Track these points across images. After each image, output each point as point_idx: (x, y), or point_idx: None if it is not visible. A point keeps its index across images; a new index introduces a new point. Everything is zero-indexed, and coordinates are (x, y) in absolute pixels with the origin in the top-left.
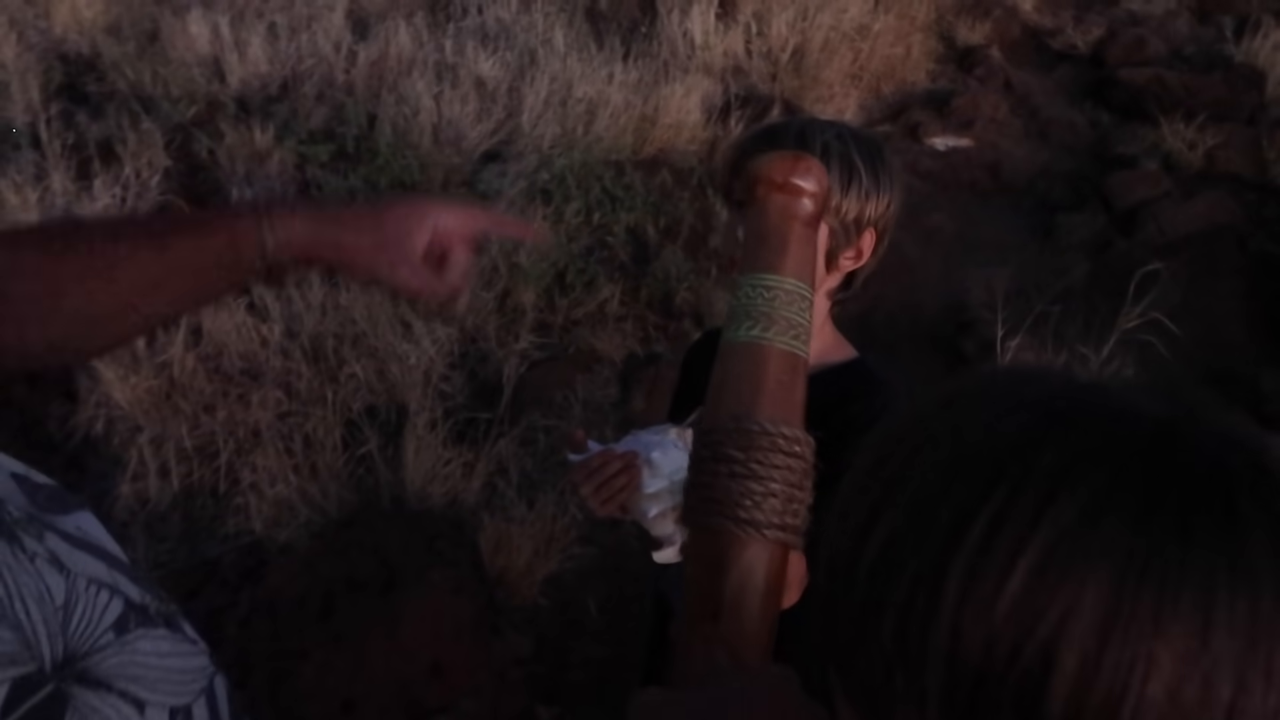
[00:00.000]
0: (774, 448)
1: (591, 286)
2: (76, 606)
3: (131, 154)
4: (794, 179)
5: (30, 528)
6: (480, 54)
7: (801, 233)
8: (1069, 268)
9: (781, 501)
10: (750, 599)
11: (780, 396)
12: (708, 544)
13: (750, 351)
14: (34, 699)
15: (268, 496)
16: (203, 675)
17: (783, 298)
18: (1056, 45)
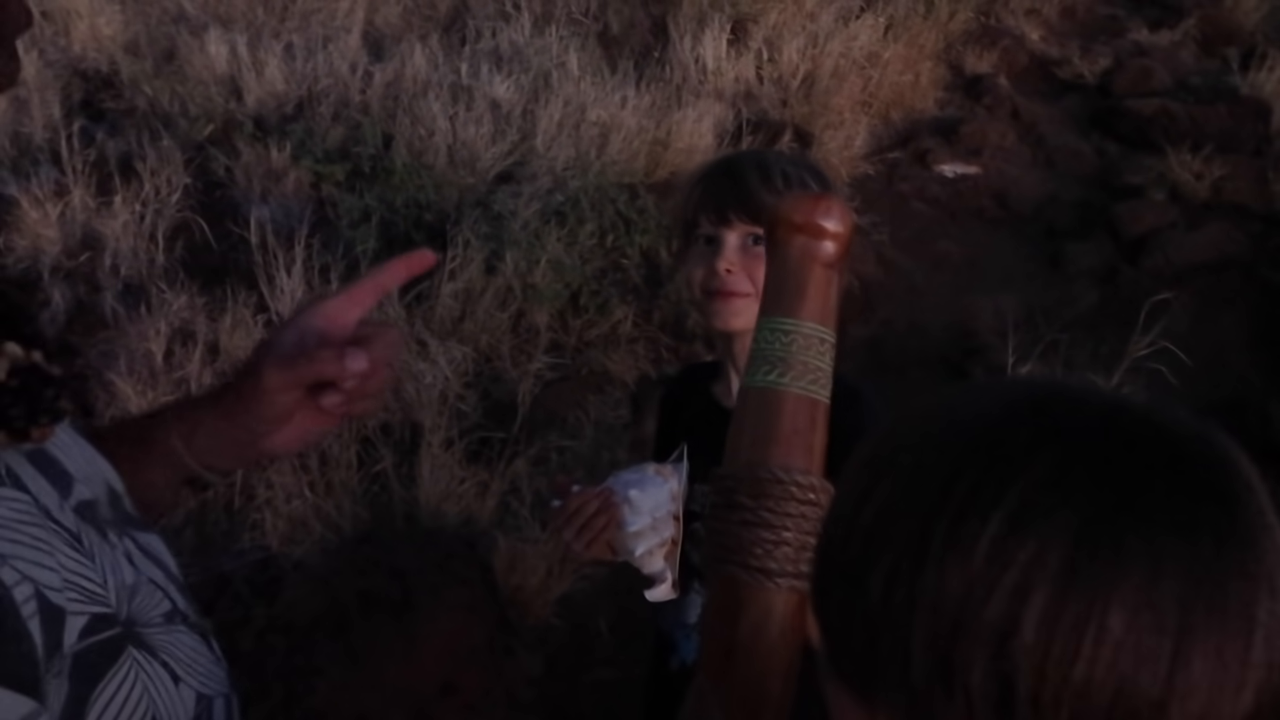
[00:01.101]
0: (786, 495)
1: (605, 308)
2: (139, 592)
3: (151, 171)
4: (815, 219)
5: (113, 529)
6: (495, 76)
7: (822, 275)
8: (1077, 295)
9: (794, 550)
10: (763, 647)
11: (795, 443)
12: (722, 591)
13: (766, 397)
14: (103, 635)
15: (283, 512)
16: (223, 685)
17: (800, 342)
18: (1063, 75)
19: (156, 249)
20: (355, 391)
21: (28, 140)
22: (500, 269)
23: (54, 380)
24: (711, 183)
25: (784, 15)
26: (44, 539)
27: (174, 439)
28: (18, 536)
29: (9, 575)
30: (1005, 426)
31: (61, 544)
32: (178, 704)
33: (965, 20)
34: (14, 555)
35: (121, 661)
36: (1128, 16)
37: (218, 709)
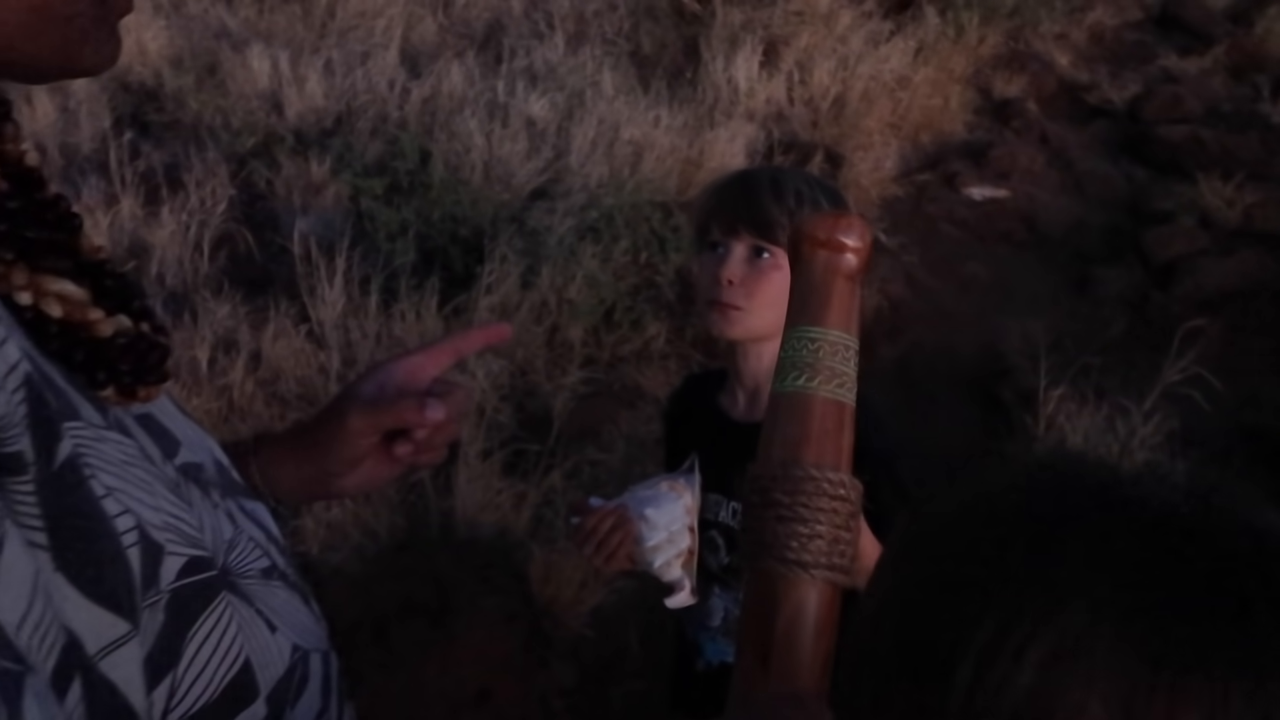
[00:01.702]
0: (819, 491)
1: (638, 324)
2: (237, 546)
3: (196, 183)
4: (837, 235)
5: (216, 490)
6: (530, 94)
7: (844, 286)
8: (1106, 320)
9: (828, 543)
10: (801, 638)
11: (825, 443)
12: (758, 586)
13: (796, 401)
14: (199, 576)
15: (322, 520)
16: (322, 642)
17: (826, 349)
18: (1092, 100)
19: (201, 258)
20: (425, 442)
21: (75, 150)
22: (536, 284)
23: (159, 347)
24: (725, 193)
25: (815, 38)
26: (147, 481)
27: (252, 468)
28: (123, 474)
29: (113, 506)
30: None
31: (163, 489)
32: (273, 651)
33: (994, 45)
34: (118, 490)
35: (217, 603)
36: (1156, 43)
37: (314, 663)
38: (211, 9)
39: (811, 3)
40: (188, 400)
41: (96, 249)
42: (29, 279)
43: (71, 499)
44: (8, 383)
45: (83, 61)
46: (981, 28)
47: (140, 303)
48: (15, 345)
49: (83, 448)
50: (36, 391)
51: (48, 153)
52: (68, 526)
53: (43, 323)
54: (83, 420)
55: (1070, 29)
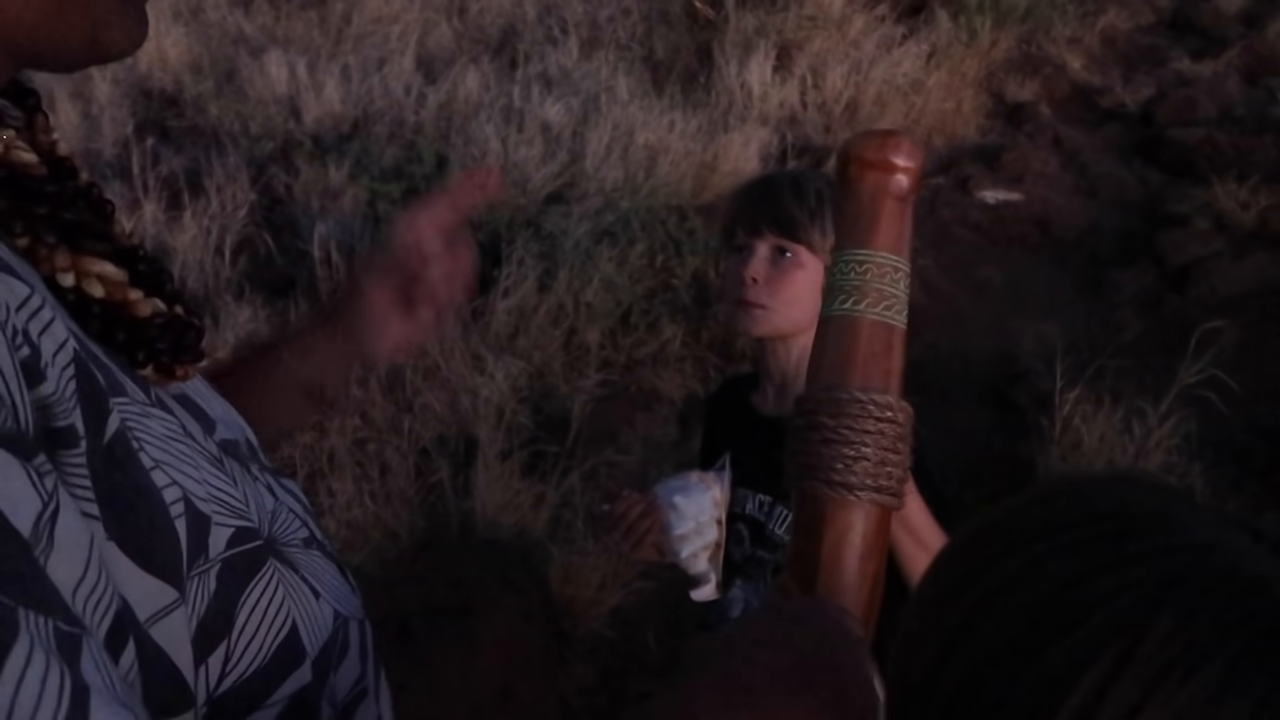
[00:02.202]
0: (864, 414)
1: (654, 327)
2: (279, 516)
3: (218, 188)
4: (886, 154)
5: (254, 464)
6: (545, 99)
7: (894, 207)
8: (1121, 323)
9: (874, 465)
10: (848, 560)
11: (871, 366)
12: (804, 508)
13: (842, 324)
14: (246, 546)
15: (343, 520)
16: (358, 611)
17: (874, 271)
18: (1105, 103)
19: (223, 262)
20: (441, 295)
21: (97, 156)
22: (553, 287)
23: (194, 327)
24: (748, 195)
25: (828, 42)
26: (190, 455)
27: (288, 360)
28: (168, 448)
29: (160, 478)
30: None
31: (206, 463)
32: (319, 616)
33: (1007, 48)
34: (165, 463)
35: (265, 571)
36: (1169, 46)
37: (353, 630)
38: (230, 16)
39: (824, 7)
40: None
41: (129, 234)
42: (71, 261)
43: (121, 471)
44: (58, 359)
45: (110, 44)
46: (994, 31)
47: (172, 286)
48: (63, 324)
49: (130, 422)
50: (85, 368)
51: None
52: (118, 497)
53: (84, 303)
54: (128, 397)
55: (1083, 32)
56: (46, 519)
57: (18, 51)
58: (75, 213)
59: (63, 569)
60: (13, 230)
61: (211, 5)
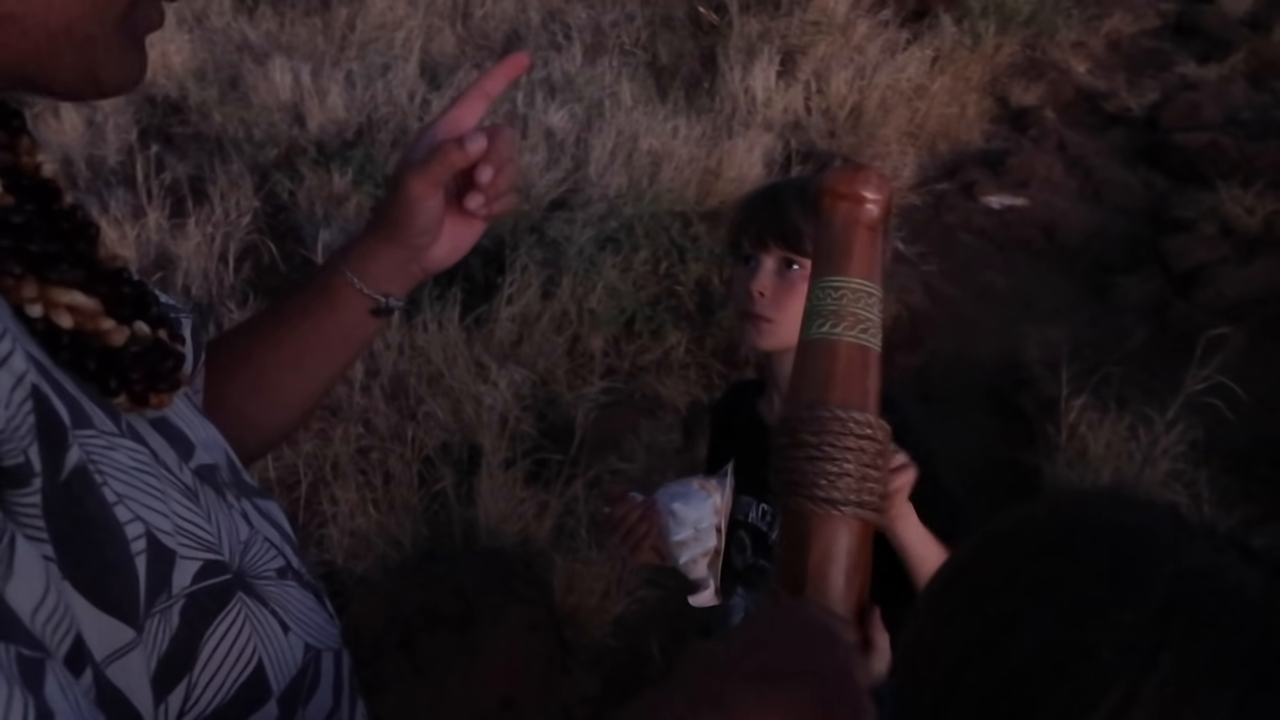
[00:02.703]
0: (845, 431)
1: (658, 334)
2: (252, 547)
3: (221, 195)
4: (856, 188)
5: (231, 491)
6: (549, 106)
7: (866, 236)
8: (1126, 329)
9: (856, 480)
10: (834, 573)
11: (850, 385)
12: (790, 524)
13: (821, 347)
14: (214, 580)
15: (347, 529)
16: (334, 641)
17: (849, 296)
18: (1110, 108)
19: (226, 269)
20: (491, 189)
21: (102, 163)
22: (556, 294)
23: (174, 354)
24: (753, 207)
25: (832, 47)
26: (159, 488)
27: (349, 279)
28: (134, 482)
29: (122, 514)
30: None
31: (176, 494)
32: (286, 651)
33: (1011, 53)
34: (128, 497)
35: (231, 606)
36: (1174, 50)
37: (326, 662)
38: (234, 22)
39: (828, 12)
40: None
41: (113, 257)
42: (39, 291)
43: (79, 507)
44: (14, 396)
45: (106, 82)
46: (998, 36)
47: (157, 309)
48: (22, 357)
49: (95, 455)
50: (45, 402)
51: (75, 165)
52: (75, 535)
53: (54, 333)
54: (95, 429)
55: (1087, 37)
56: (5, 546)
57: (9, 77)
58: (49, 240)
59: (22, 593)
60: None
61: (216, 12)
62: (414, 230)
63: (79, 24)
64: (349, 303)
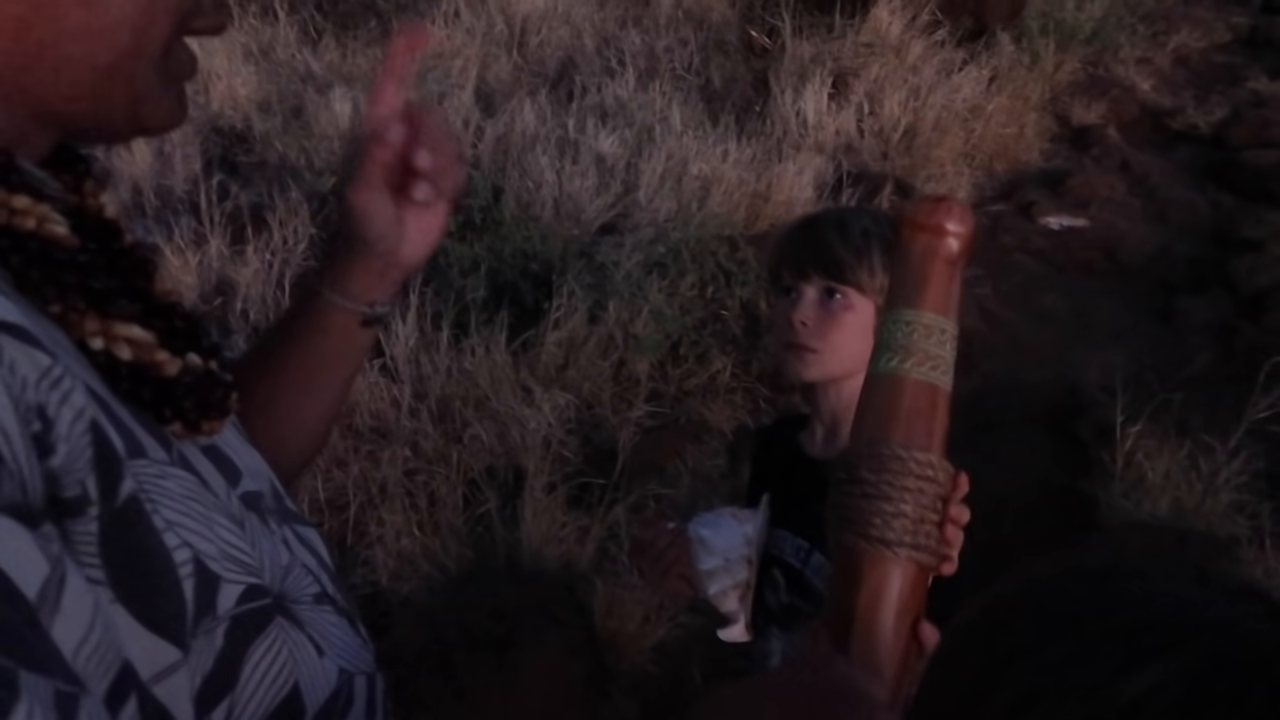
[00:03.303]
0: (905, 470)
1: (704, 358)
2: (291, 572)
3: (280, 222)
4: (937, 219)
5: (273, 518)
6: (600, 131)
7: (943, 270)
8: (1190, 353)
9: (912, 522)
10: (883, 615)
11: (914, 424)
12: (843, 561)
13: (887, 382)
14: (255, 604)
15: (392, 550)
16: (367, 665)
17: (921, 331)
18: (1176, 125)
19: (283, 295)
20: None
21: (169, 192)
22: (603, 318)
23: (224, 384)
24: (793, 237)
25: (885, 69)
26: (206, 514)
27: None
28: (183, 509)
29: (171, 540)
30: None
31: (223, 520)
32: (320, 674)
33: (1072, 71)
34: (177, 524)
35: (271, 629)
36: (1246, 65)
37: (359, 685)
38: (298, 54)
39: (881, 34)
40: None
41: (168, 292)
42: (100, 325)
43: (132, 534)
44: (74, 429)
45: (150, 119)
46: (1058, 54)
47: (209, 341)
48: (82, 392)
49: (147, 485)
50: (102, 434)
51: (144, 195)
52: (126, 560)
53: (114, 365)
54: (148, 458)
55: (1153, 53)
56: (54, 584)
57: (62, 126)
58: (105, 279)
59: (66, 630)
60: (46, 298)
61: (281, 44)
62: (373, 239)
63: (124, 61)
64: (338, 321)
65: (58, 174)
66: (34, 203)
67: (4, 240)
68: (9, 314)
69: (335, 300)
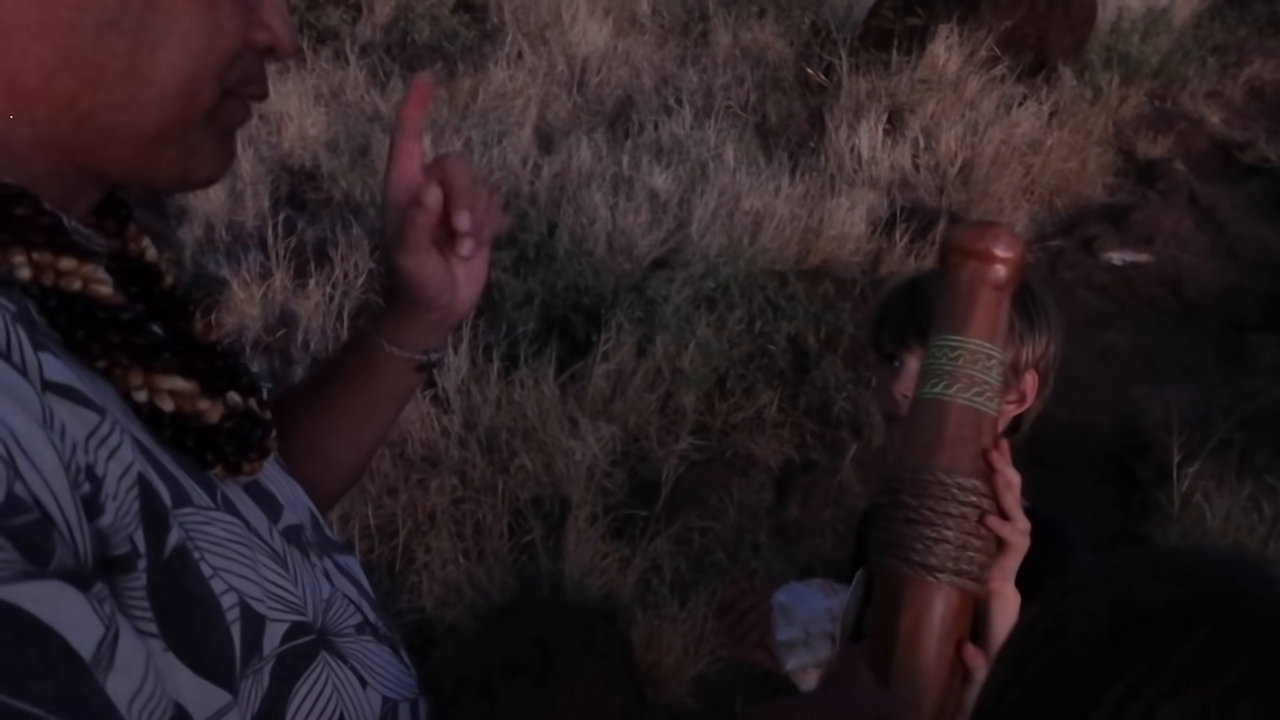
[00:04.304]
0: (948, 496)
1: (751, 392)
2: (333, 605)
3: (341, 257)
4: (985, 244)
5: (314, 550)
6: (655, 168)
7: (990, 296)
8: (1261, 391)
9: (955, 548)
10: (925, 641)
11: (959, 449)
12: (885, 586)
13: (933, 407)
14: (300, 641)
15: (439, 577)
16: (410, 691)
17: (967, 357)
18: (1247, 158)
19: (342, 327)
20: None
21: (240, 228)
22: (651, 352)
23: (263, 423)
24: (892, 304)
25: (943, 104)
26: (250, 556)
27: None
28: (227, 554)
29: (218, 585)
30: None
31: (266, 560)
32: (365, 706)
33: (1137, 104)
34: (224, 569)
35: (315, 665)
36: None
37: (403, 712)
38: (367, 95)
39: (939, 70)
40: None
41: (208, 330)
42: (144, 379)
43: (179, 584)
44: (122, 485)
45: (197, 174)
46: (1123, 88)
47: (248, 378)
48: (129, 446)
49: (193, 532)
50: (149, 487)
51: (216, 230)
52: (176, 609)
53: (157, 415)
54: (193, 505)
55: (1223, 85)
56: (108, 642)
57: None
58: (148, 334)
59: (121, 685)
60: (92, 354)
61: (351, 86)
62: (430, 297)
63: (171, 128)
64: (392, 368)
65: (101, 220)
66: (79, 264)
67: (52, 301)
68: (57, 373)
69: (393, 351)
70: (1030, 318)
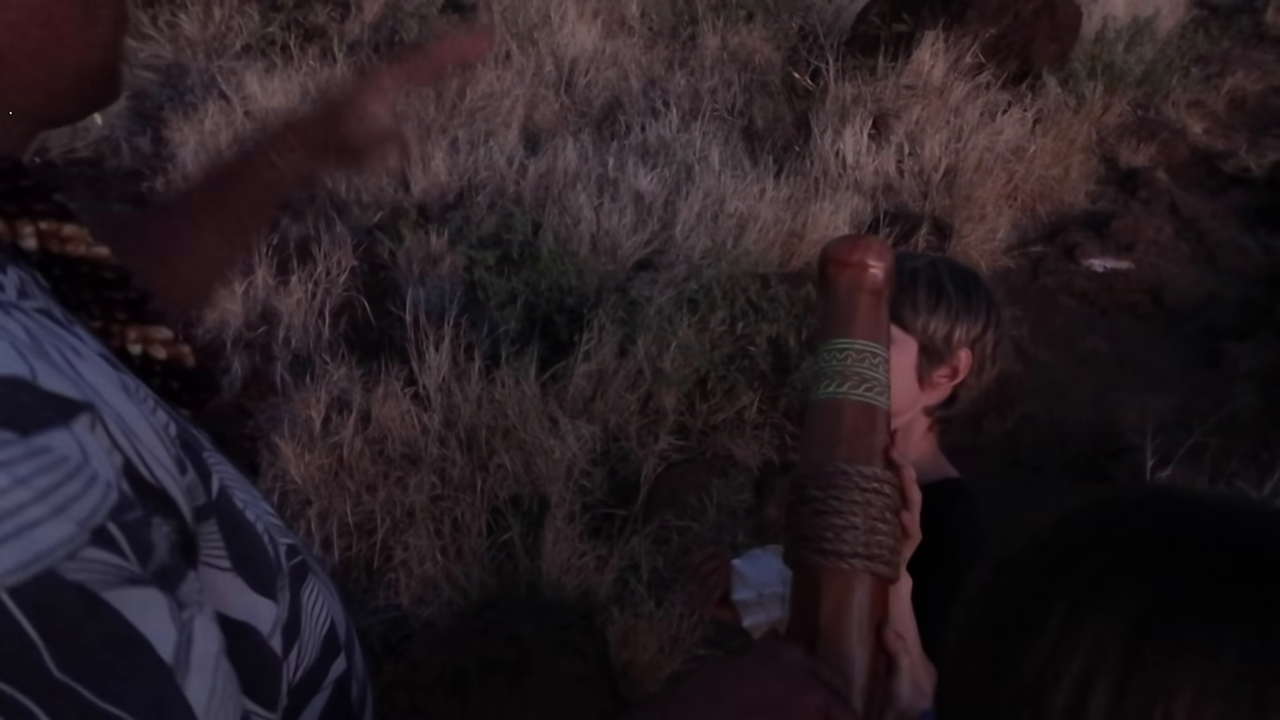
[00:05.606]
0: (851, 485)
1: (731, 393)
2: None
3: (324, 254)
4: (858, 255)
5: None
6: (640, 169)
7: (869, 300)
8: (1236, 398)
9: (863, 533)
10: (845, 626)
11: (856, 442)
12: (802, 579)
13: (828, 406)
14: (297, 559)
15: (416, 574)
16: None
17: (854, 356)
18: (1228, 168)
19: (324, 324)
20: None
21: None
22: (632, 352)
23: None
24: None
25: (927, 110)
26: (250, 489)
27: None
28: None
29: (250, 515)
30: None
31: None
32: (340, 611)
33: (1120, 113)
34: (246, 501)
35: (309, 578)
36: None
37: (350, 626)
38: None
39: (924, 77)
40: (300, 457)
41: None
42: (140, 332)
43: (232, 519)
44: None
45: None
46: (1106, 97)
47: None
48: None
49: (219, 471)
50: (188, 437)
51: None
52: (235, 541)
53: (147, 365)
54: (208, 448)
55: (1205, 95)
56: (184, 647)
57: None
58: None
59: (197, 686)
60: (91, 314)
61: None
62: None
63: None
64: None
65: None
66: (79, 228)
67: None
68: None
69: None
70: (969, 299)
